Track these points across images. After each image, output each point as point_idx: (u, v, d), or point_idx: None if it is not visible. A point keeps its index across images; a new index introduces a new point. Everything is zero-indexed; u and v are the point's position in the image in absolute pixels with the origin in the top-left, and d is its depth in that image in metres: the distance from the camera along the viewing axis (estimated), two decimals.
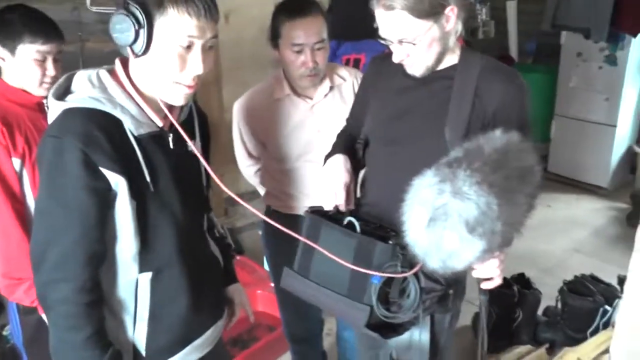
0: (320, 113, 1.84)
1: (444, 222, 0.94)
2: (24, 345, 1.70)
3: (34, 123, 1.58)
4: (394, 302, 1.22)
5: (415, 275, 1.20)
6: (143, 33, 1.04)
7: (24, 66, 1.56)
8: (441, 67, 1.33)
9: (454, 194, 0.93)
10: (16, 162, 1.53)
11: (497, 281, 1.20)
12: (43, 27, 1.57)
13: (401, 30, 1.23)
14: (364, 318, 1.21)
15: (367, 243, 1.23)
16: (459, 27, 1.29)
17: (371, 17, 1.29)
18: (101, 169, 1.06)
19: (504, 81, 1.30)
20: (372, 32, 1.32)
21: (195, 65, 1.10)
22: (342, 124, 1.67)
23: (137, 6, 1.03)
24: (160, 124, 1.17)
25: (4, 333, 2.18)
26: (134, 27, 1.04)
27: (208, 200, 1.24)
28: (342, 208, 1.36)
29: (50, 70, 1.59)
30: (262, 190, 2.07)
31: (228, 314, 1.47)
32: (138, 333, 1.21)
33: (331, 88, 1.84)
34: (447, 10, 1.23)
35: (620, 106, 4.44)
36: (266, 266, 2.78)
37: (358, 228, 1.27)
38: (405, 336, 1.33)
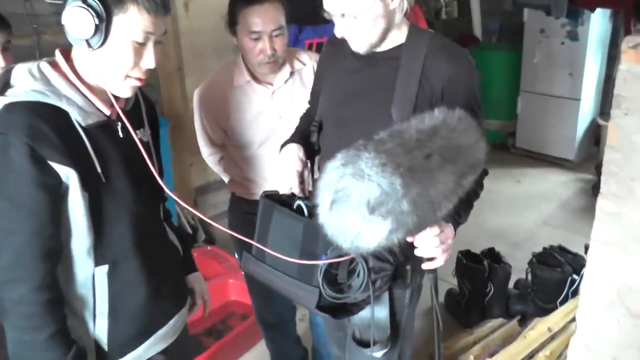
0: (281, 99, 1.82)
1: (345, 203, 0.94)
2: None
3: None
4: (343, 282, 1.23)
5: (363, 256, 1.20)
6: (102, 28, 1.03)
7: None
8: (388, 46, 1.32)
9: (354, 176, 0.93)
10: None
11: (440, 261, 1.18)
12: None
13: (343, 2, 1.22)
14: (314, 299, 1.23)
15: (312, 226, 1.23)
16: (405, 4, 1.28)
17: None
18: (50, 162, 1.03)
19: (450, 59, 1.29)
20: None
21: (149, 60, 1.12)
22: (303, 108, 1.66)
23: (96, 0, 1.02)
24: (107, 112, 1.15)
25: None
26: (94, 21, 1.02)
27: (162, 189, 1.22)
28: (298, 194, 1.36)
29: (0, 62, 1.54)
30: (226, 178, 2.05)
31: (189, 304, 1.46)
32: (99, 328, 1.19)
33: (291, 73, 1.83)
34: None
35: (583, 80, 4.52)
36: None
37: (306, 211, 1.28)
38: (367, 314, 1.33)
